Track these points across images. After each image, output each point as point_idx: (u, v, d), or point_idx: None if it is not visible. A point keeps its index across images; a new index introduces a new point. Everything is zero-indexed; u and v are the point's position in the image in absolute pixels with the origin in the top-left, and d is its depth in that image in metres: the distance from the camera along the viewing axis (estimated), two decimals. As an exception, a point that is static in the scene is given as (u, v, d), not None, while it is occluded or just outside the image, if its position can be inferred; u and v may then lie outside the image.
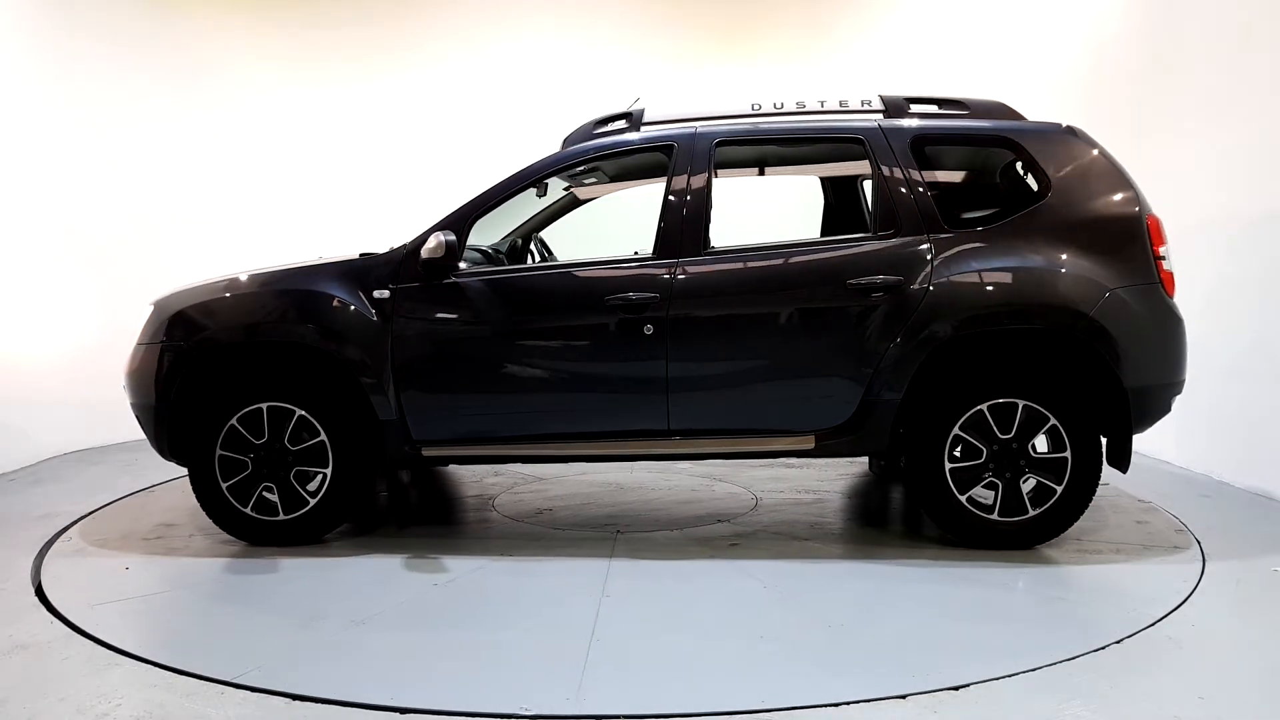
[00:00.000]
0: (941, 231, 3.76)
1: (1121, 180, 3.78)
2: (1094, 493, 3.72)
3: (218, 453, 3.92)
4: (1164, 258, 3.72)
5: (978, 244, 3.75)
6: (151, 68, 7.15)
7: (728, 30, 8.46)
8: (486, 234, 4.55)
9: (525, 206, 4.67)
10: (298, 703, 2.50)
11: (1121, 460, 3.80)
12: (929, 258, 3.72)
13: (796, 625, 3.06)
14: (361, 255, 4.05)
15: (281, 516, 3.95)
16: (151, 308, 4.11)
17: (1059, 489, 3.69)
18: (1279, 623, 3.09)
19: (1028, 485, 3.73)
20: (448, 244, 3.75)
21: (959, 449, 3.75)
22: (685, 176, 3.91)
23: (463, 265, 3.98)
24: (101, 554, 3.98)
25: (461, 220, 3.94)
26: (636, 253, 4.07)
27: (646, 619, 3.15)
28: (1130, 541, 3.94)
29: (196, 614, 3.34)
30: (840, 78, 7.86)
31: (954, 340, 3.71)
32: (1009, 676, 2.61)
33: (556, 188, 4.86)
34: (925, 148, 3.93)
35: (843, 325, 3.75)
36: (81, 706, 2.48)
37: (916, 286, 3.70)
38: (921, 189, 3.81)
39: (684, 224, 3.86)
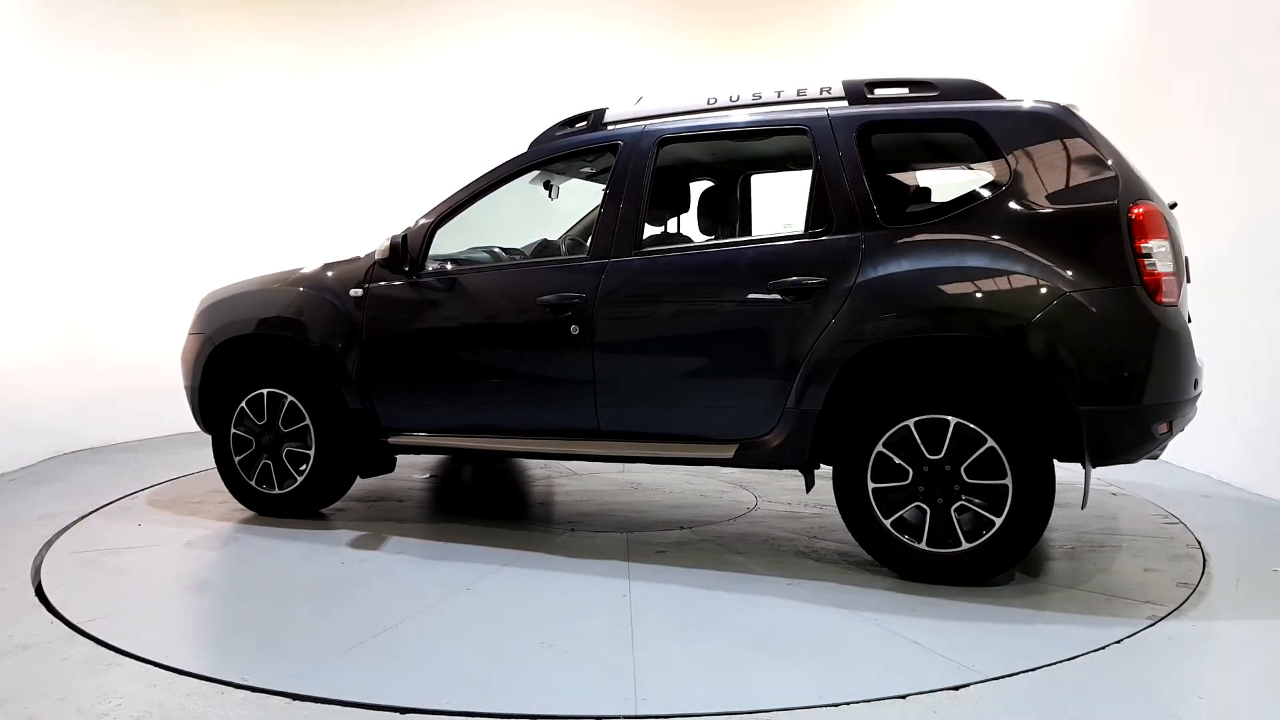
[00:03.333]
0: (877, 228, 3.41)
1: (1100, 167, 3.24)
2: (1043, 527, 3.23)
3: (232, 431, 4.44)
4: (1149, 255, 3.14)
5: (914, 240, 3.36)
6: (146, 62, 7.13)
7: (735, 25, 8.49)
8: (517, 237, 4.71)
9: (551, 206, 4.77)
10: (297, 702, 2.50)
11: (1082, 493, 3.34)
12: (858, 256, 3.39)
13: (601, 635, 2.98)
14: (352, 257, 4.41)
15: (277, 490, 4.40)
16: (199, 301, 4.76)
17: (997, 521, 3.21)
18: (1279, 623, 3.08)
19: (968, 515, 3.27)
20: (393, 246, 4.05)
21: (887, 468, 3.36)
22: (625, 176, 3.87)
23: (448, 266, 4.19)
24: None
25: (425, 226, 4.14)
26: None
27: (467, 614, 3.19)
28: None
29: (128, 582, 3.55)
30: (843, 74, 7.84)
31: (876, 348, 3.35)
32: (1009, 676, 2.60)
33: (591, 189, 4.91)
34: (874, 136, 3.59)
35: (762, 329, 3.49)
36: (81, 706, 2.48)
37: (840, 288, 3.37)
38: (861, 181, 3.47)
39: (618, 224, 3.81)
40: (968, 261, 3.26)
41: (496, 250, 4.51)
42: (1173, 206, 3.69)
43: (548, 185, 4.68)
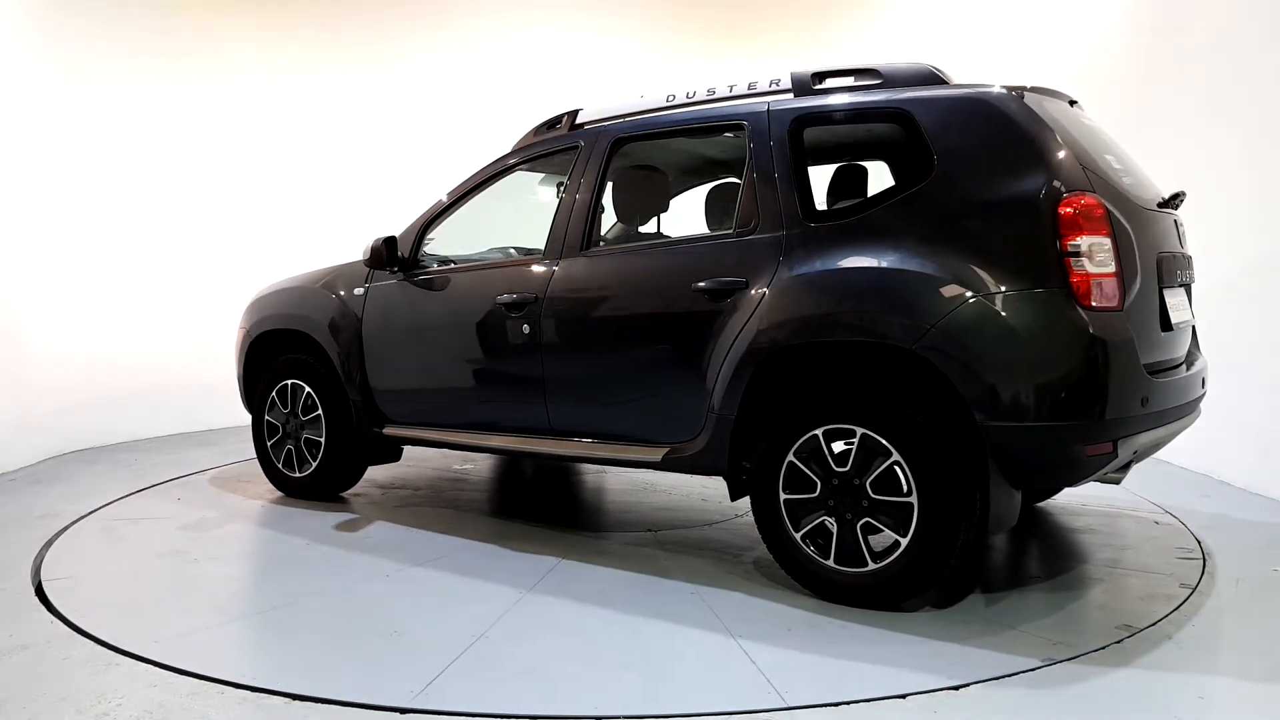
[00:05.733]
0: (799, 226, 3.26)
1: (1032, 157, 2.93)
2: (954, 550, 2.93)
3: (265, 418, 4.83)
4: (1076, 254, 2.81)
5: (830, 239, 3.18)
6: (146, 59, 7.08)
7: (736, 22, 8.49)
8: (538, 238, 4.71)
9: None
10: (297, 702, 2.50)
11: (986, 519, 2.97)
12: (778, 256, 3.27)
13: (454, 629, 2.99)
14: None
15: (298, 474, 4.73)
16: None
17: (904, 541, 2.97)
18: (1279, 623, 3.08)
19: (877, 534, 3.07)
20: (374, 250, 4.27)
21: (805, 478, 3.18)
22: (580, 175, 3.91)
23: (450, 266, 4.32)
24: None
25: (414, 228, 4.36)
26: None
27: (357, 598, 3.35)
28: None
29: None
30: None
31: (784, 352, 3.20)
32: (1009, 676, 2.61)
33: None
34: (807, 130, 3.41)
35: (687, 331, 3.41)
36: (81, 706, 2.48)
37: (758, 289, 3.26)
38: (788, 177, 3.33)
39: (570, 224, 3.85)
40: (875, 261, 3.07)
41: (511, 250, 4.56)
42: (1176, 197, 3.56)
43: (559, 186, 4.68)
